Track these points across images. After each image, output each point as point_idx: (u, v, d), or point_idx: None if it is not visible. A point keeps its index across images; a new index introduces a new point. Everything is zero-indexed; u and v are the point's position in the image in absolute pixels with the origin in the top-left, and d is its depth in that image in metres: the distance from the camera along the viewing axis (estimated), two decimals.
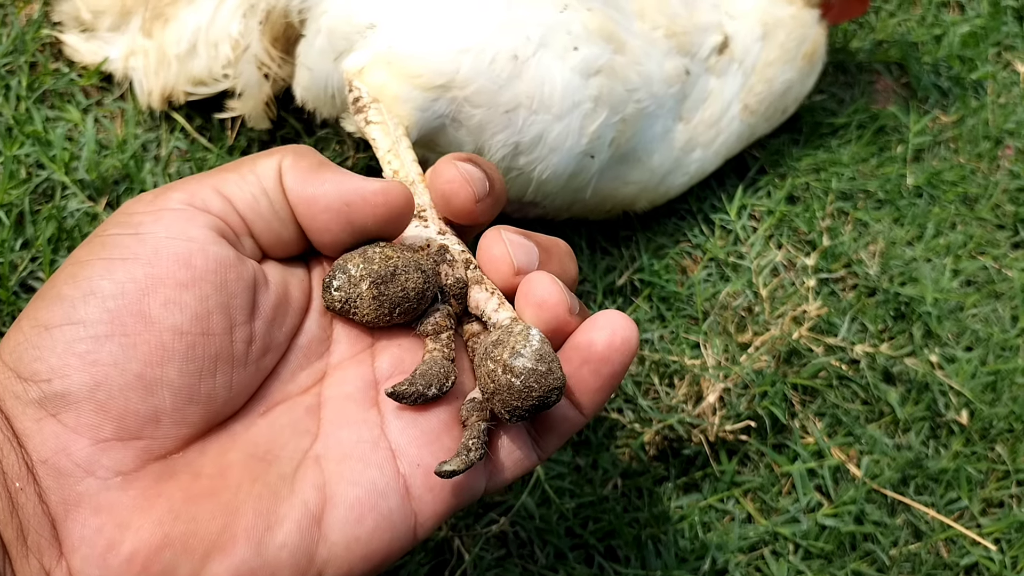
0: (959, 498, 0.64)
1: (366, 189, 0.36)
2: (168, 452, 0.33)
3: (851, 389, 0.67)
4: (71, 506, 0.30)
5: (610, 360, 0.37)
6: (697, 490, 0.62)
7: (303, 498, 0.33)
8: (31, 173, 0.64)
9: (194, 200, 0.35)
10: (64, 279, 0.32)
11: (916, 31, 0.93)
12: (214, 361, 0.33)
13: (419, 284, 0.37)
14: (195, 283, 0.33)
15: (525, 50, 0.53)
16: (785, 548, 0.60)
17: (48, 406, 0.31)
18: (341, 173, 0.37)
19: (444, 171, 0.40)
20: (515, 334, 0.36)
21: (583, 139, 0.57)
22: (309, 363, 0.38)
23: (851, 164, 0.80)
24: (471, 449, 0.35)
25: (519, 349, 0.35)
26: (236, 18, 0.62)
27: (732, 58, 0.67)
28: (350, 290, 0.37)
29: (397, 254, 0.37)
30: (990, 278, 0.76)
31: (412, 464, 0.35)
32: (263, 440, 0.35)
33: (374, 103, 0.49)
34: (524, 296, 0.38)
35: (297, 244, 0.38)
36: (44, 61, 0.70)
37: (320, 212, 0.36)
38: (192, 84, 0.65)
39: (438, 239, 0.41)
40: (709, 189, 0.75)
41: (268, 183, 0.36)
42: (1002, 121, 0.87)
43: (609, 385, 0.38)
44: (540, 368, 0.35)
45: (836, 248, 0.73)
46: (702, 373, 0.64)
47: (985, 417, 0.67)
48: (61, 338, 0.31)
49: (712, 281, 0.71)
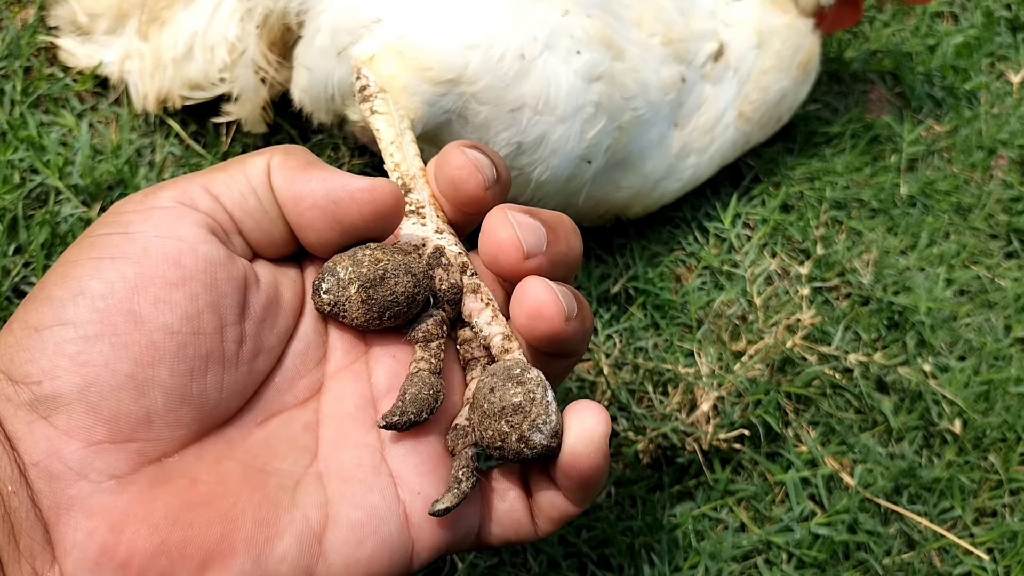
0: (952, 507, 0.64)
1: (352, 186, 0.36)
2: (162, 455, 0.32)
3: (845, 398, 0.68)
4: (63, 510, 0.30)
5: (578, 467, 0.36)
6: (691, 498, 0.62)
7: (305, 513, 0.33)
8: (25, 178, 0.64)
9: (183, 198, 0.34)
10: (54, 280, 0.32)
11: (910, 41, 0.93)
12: (205, 361, 0.33)
13: (409, 288, 0.37)
14: (185, 282, 0.33)
15: (532, 50, 0.53)
16: (778, 557, 0.60)
17: (39, 408, 0.30)
18: (329, 171, 0.36)
19: (453, 157, 0.39)
20: (536, 403, 0.35)
21: (582, 144, 0.57)
22: (307, 371, 0.37)
23: (845, 173, 0.80)
24: (462, 480, 0.35)
25: (539, 423, 0.35)
26: (233, 22, 0.62)
27: (727, 66, 0.67)
28: (339, 293, 0.36)
29: (387, 257, 0.37)
30: (983, 288, 0.76)
31: (412, 492, 0.35)
32: (261, 451, 0.34)
33: (381, 93, 0.48)
34: (518, 304, 0.37)
35: (287, 244, 0.38)
36: (39, 66, 0.69)
37: (307, 210, 0.36)
38: (188, 88, 0.65)
39: (435, 239, 0.40)
40: (704, 197, 0.75)
41: (257, 181, 0.36)
42: (995, 131, 0.87)
43: (586, 488, 0.37)
44: (553, 444, 0.35)
45: (830, 257, 0.74)
46: (696, 381, 0.64)
47: (978, 426, 0.67)
48: (51, 339, 0.31)
49: (706, 289, 0.71)
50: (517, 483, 0.39)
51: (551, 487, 0.38)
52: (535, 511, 0.39)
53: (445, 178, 0.40)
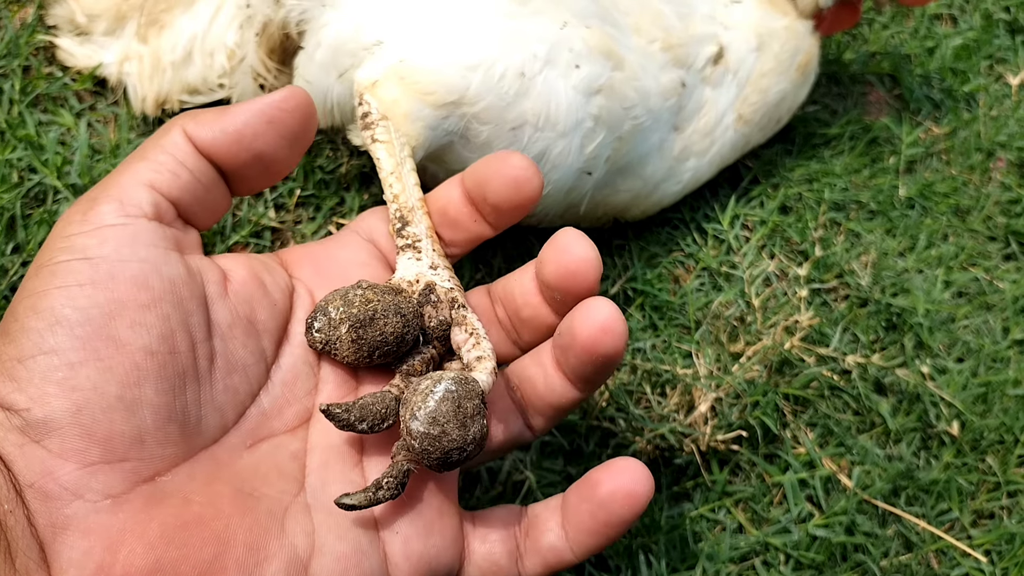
0: (950, 509, 0.64)
1: (276, 99, 0.38)
2: (155, 473, 0.33)
3: (843, 399, 0.68)
4: (59, 529, 0.30)
5: (611, 510, 0.38)
6: (688, 500, 0.62)
7: (292, 541, 0.34)
8: (23, 177, 0.64)
9: (126, 208, 0.35)
10: (25, 312, 0.32)
11: (909, 43, 0.94)
12: (183, 379, 0.34)
13: (398, 329, 0.38)
14: (155, 303, 0.33)
15: (532, 67, 0.53)
16: (776, 558, 0.60)
17: (30, 433, 0.31)
18: (241, 105, 0.38)
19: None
20: (419, 392, 0.36)
21: (582, 157, 0.57)
22: (296, 399, 0.38)
23: (844, 175, 0.80)
24: (382, 487, 0.35)
25: (415, 411, 0.35)
26: (232, 28, 0.62)
27: (727, 68, 0.67)
28: (330, 332, 0.38)
29: (378, 297, 0.38)
30: (981, 290, 0.76)
31: (392, 532, 0.36)
32: (250, 476, 0.35)
33: (382, 120, 0.48)
34: (589, 320, 0.38)
35: (221, 207, 0.39)
36: (38, 65, 0.69)
37: (251, 142, 0.37)
38: (187, 93, 0.65)
39: (428, 275, 0.41)
40: (702, 199, 0.75)
41: (181, 153, 0.37)
42: (994, 133, 0.87)
43: (606, 536, 0.39)
44: (432, 431, 0.35)
45: (828, 258, 0.74)
46: (694, 382, 0.64)
47: (976, 428, 0.67)
48: (36, 368, 0.31)
49: (705, 291, 0.71)
50: (498, 526, 0.40)
51: (552, 530, 0.40)
52: (524, 554, 0.40)
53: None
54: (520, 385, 0.42)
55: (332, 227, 0.67)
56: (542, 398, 0.42)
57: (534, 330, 0.42)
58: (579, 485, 0.40)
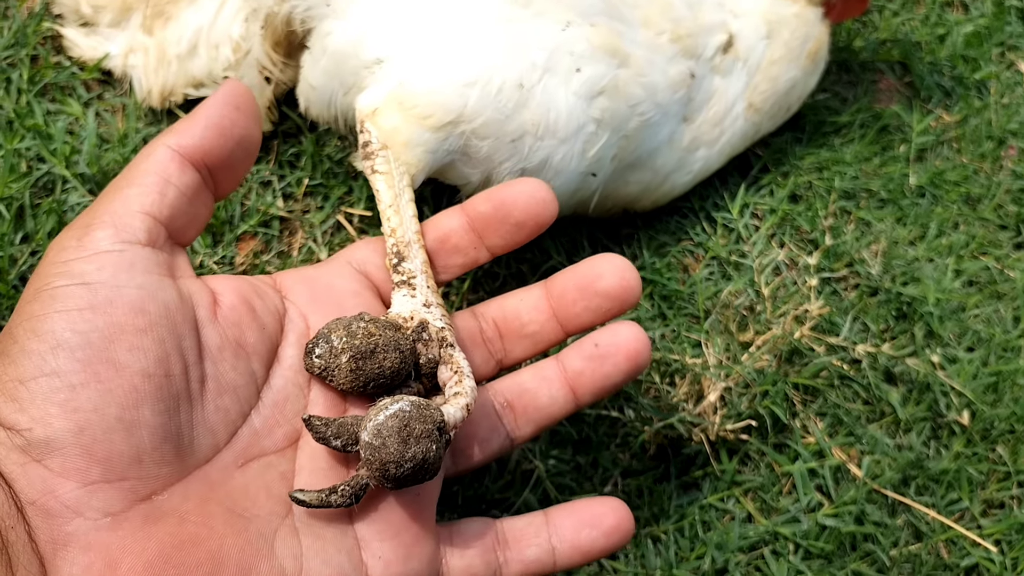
0: (960, 499, 0.64)
1: (228, 89, 0.41)
2: (151, 493, 0.34)
3: (852, 389, 0.67)
4: (60, 545, 0.31)
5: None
6: (697, 489, 0.62)
7: (282, 563, 0.35)
8: (32, 167, 0.64)
9: (121, 234, 0.36)
10: (25, 335, 0.33)
11: (919, 30, 0.93)
12: (176, 400, 0.35)
13: (396, 364, 0.39)
14: (151, 328, 0.35)
15: (531, 77, 0.53)
16: (785, 548, 0.60)
17: (32, 452, 0.31)
18: (204, 105, 0.40)
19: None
20: (377, 407, 0.37)
21: (584, 162, 0.57)
22: (285, 420, 0.39)
23: (854, 163, 0.80)
24: (336, 493, 0.37)
25: (367, 424, 0.37)
26: (238, 21, 0.62)
27: (736, 57, 0.67)
28: (330, 359, 0.39)
29: (380, 332, 0.39)
30: (992, 279, 0.76)
31: (374, 556, 0.38)
32: (240, 496, 0.36)
33: (383, 150, 0.48)
34: (627, 338, 0.45)
35: (206, 213, 0.41)
36: (45, 54, 0.69)
37: (231, 129, 0.40)
38: (192, 85, 0.65)
39: (421, 312, 0.43)
40: (712, 188, 0.75)
41: (166, 171, 0.38)
42: (1005, 121, 0.86)
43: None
44: (374, 443, 0.36)
45: (838, 247, 0.73)
46: (703, 372, 0.64)
47: (986, 418, 0.67)
48: (38, 390, 0.32)
49: (714, 280, 0.71)
50: (475, 541, 0.42)
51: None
52: (505, 563, 0.43)
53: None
54: (513, 400, 0.45)
55: (340, 216, 0.67)
56: (541, 410, 0.45)
57: (532, 346, 0.46)
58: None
